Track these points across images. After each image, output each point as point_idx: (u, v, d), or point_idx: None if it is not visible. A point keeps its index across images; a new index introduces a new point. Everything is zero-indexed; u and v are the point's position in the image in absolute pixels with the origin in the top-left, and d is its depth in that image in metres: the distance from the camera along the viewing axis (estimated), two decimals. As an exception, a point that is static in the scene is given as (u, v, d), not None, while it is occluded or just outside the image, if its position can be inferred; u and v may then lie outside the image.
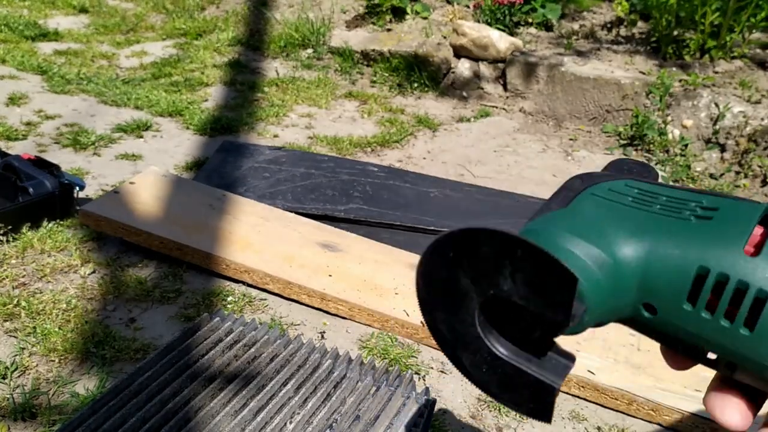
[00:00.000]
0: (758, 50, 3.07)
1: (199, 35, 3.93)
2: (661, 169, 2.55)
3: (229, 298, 1.59)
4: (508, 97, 3.19)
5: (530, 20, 3.60)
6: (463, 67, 3.26)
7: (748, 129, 2.57)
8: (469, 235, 0.34)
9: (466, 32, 3.20)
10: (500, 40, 3.18)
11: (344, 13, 3.95)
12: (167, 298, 1.58)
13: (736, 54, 2.99)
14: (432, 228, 1.92)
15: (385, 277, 1.63)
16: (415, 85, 3.29)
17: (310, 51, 3.65)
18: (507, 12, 3.49)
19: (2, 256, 1.67)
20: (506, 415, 1.32)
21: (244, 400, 1.10)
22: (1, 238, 1.70)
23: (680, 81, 2.83)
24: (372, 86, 3.34)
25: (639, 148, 2.72)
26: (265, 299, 1.61)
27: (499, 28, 3.35)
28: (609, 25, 3.59)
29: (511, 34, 3.40)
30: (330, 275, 1.61)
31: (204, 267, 1.66)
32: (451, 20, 3.60)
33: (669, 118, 2.72)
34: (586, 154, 2.71)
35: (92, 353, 1.38)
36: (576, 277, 0.31)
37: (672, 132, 2.69)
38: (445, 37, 3.41)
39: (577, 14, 3.76)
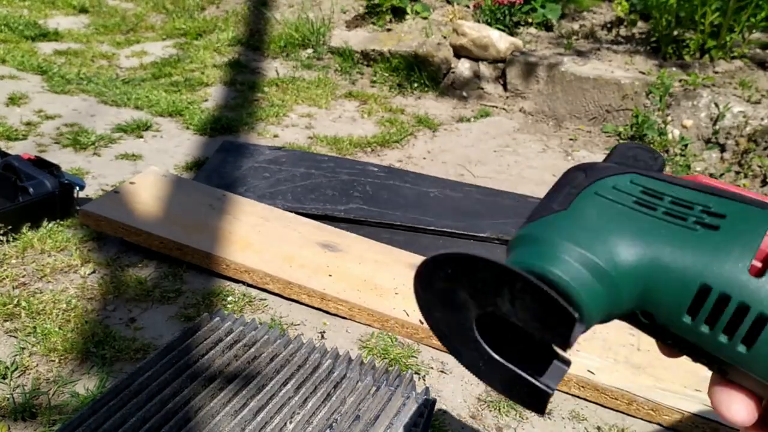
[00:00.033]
0: (758, 50, 3.07)
1: (199, 35, 3.94)
2: (661, 169, 2.54)
3: (229, 298, 1.59)
4: (508, 97, 3.19)
5: (530, 20, 3.60)
6: (463, 67, 3.26)
7: (748, 129, 2.57)
8: (469, 260, 0.34)
9: (466, 32, 3.20)
10: (500, 40, 3.18)
11: (344, 13, 3.95)
12: (167, 298, 1.58)
13: (736, 54, 2.99)
14: (432, 228, 1.92)
15: (385, 277, 1.63)
16: (415, 85, 3.29)
17: (310, 51, 3.65)
18: (507, 12, 3.49)
19: (2, 256, 1.67)
20: (506, 415, 1.32)
21: (244, 400, 1.10)
22: (1, 238, 1.70)
23: (680, 81, 2.83)
24: (372, 86, 3.34)
25: (639, 148, 2.72)
26: (265, 299, 1.61)
27: (499, 28, 3.35)
28: (609, 25, 3.59)
29: (511, 34, 3.40)
30: (330, 275, 1.61)
31: (204, 267, 1.66)
32: (451, 20, 3.60)
33: (669, 118, 2.72)
34: (586, 154, 2.71)
35: (92, 353, 1.38)
36: (574, 317, 0.32)
37: (672, 132, 2.69)
38: (445, 37, 3.41)
39: (577, 14, 3.77)
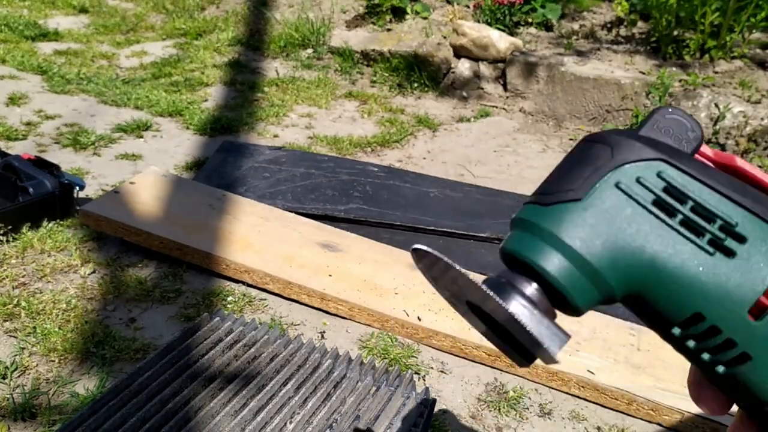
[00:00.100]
0: (758, 50, 3.07)
1: (199, 35, 3.94)
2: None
3: (229, 298, 1.59)
4: (508, 97, 3.19)
5: (530, 20, 3.60)
6: (463, 67, 3.26)
7: (748, 129, 2.57)
8: (444, 265, 0.35)
9: (466, 32, 3.20)
10: (500, 40, 3.18)
11: (344, 13, 3.95)
12: (167, 298, 1.58)
13: (736, 54, 2.99)
14: (432, 228, 1.92)
15: (385, 277, 1.63)
16: (415, 85, 3.29)
17: (310, 51, 3.65)
18: (507, 12, 3.49)
19: (2, 256, 1.67)
20: (506, 415, 1.32)
21: (244, 400, 1.10)
22: (1, 238, 1.70)
23: (680, 81, 2.83)
24: (372, 86, 3.34)
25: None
26: (265, 299, 1.61)
27: (499, 28, 3.35)
28: (609, 25, 3.59)
29: (511, 34, 3.40)
30: (330, 275, 1.61)
31: (204, 267, 1.66)
32: (451, 20, 3.60)
33: (669, 118, 2.71)
34: (586, 154, 2.70)
35: (92, 353, 1.38)
36: (542, 343, 0.33)
37: (672, 132, 2.69)
38: (445, 37, 3.41)
39: (577, 14, 3.76)
